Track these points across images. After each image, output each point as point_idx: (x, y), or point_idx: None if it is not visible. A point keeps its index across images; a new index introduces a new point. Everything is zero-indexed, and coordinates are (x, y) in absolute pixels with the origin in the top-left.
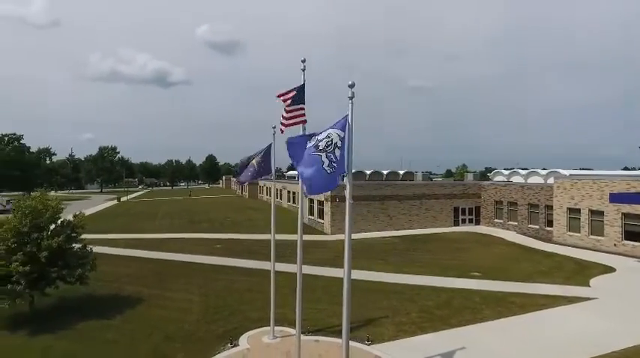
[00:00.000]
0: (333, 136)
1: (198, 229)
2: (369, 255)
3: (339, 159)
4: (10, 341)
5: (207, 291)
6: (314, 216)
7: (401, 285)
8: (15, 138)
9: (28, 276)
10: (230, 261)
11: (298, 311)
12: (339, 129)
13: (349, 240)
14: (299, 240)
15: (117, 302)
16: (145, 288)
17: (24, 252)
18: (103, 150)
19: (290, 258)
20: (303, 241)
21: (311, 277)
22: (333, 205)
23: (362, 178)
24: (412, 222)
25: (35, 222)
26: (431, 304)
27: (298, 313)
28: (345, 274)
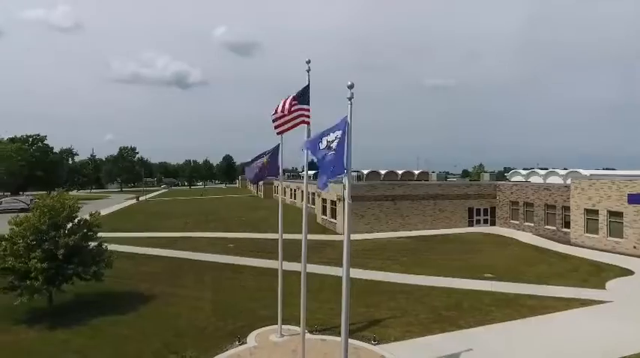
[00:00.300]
0: (331, 138)
1: (212, 228)
2: (380, 255)
3: (329, 161)
4: (28, 335)
5: (218, 289)
6: (327, 215)
7: (410, 286)
8: (39, 139)
9: (46, 273)
10: (242, 260)
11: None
12: (337, 130)
13: (348, 239)
14: (303, 240)
15: (131, 299)
16: (158, 286)
17: (42, 249)
18: (122, 150)
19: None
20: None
21: (320, 276)
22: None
23: (377, 178)
24: (426, 223)
25: (53, 220)
26: (440, 305)
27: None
28: (343, 273)
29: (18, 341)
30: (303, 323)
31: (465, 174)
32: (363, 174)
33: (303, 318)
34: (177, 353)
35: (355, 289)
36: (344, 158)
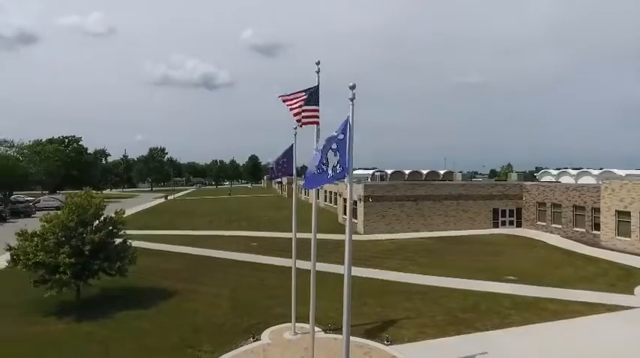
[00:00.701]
0: (331, 140)
1: (236, 227)
2: (399, 255)
3: (328, 162)
4: (57, 327)
5: (237, 287)
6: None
7: (427, 287)
8: (74, 140)
9: (73, 267)
10: (263, 259)
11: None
12: (339, 132)
13: (350, 239)
14: (312, 238)
15: (153, 295)
16: (180, 282)
17: (70, 245)
18: (153, 150)
19: (323, 257)
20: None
21: (337, 276)
22: (366, 205)
23: (401, 178)
24: (448, 223)
25: (81, 218)
26: (456, 307)
27: (312, 311)
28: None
29: (47, 332)
30: (312, 321)
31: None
32: (387, 174)
33: (312, 317)
34: (194, 347)
35: (371, 289)
36: (346, 160)
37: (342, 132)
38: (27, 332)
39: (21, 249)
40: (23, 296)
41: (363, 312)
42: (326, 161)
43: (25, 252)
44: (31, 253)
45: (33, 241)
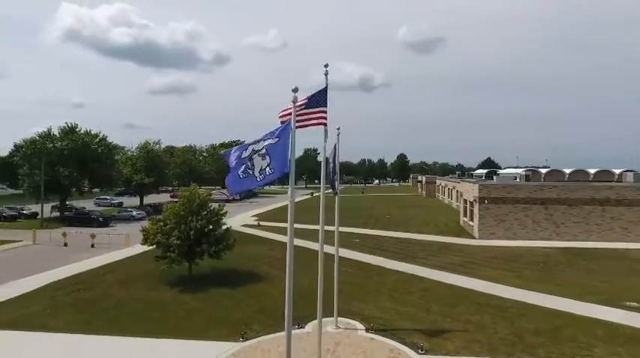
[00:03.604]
0: (261, 145)
1: (351, 224)
2: (504, 265)
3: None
4: (166, 295)
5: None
6: (467, 217)
7: (511, 302)
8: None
9: (180, 248)
10: (352, 254)
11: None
12: (273, 137)
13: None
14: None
15: (247, 277)
16: (274, 269)
17: (179, 230)
18: (307, 151)
19: (420, 260)
20: (443, 243)
21: (417, 278)
22: (481, 207)
23: (560, 178)
24: (590, 233)
25: (189, 208)
26: (531, 328)
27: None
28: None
29: (158, 297)
30: (319, 317)
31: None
32: (541, 173)
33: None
34: (247, 325)
35: (446, 296)
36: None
37: (277, 136)
38: (146, 295)
39: (149, 230)
40: (153, 270)
41: (418, 317)
42: (252, 165)
43: (149, 233)
44: (152, 235)
45: (156, 225)
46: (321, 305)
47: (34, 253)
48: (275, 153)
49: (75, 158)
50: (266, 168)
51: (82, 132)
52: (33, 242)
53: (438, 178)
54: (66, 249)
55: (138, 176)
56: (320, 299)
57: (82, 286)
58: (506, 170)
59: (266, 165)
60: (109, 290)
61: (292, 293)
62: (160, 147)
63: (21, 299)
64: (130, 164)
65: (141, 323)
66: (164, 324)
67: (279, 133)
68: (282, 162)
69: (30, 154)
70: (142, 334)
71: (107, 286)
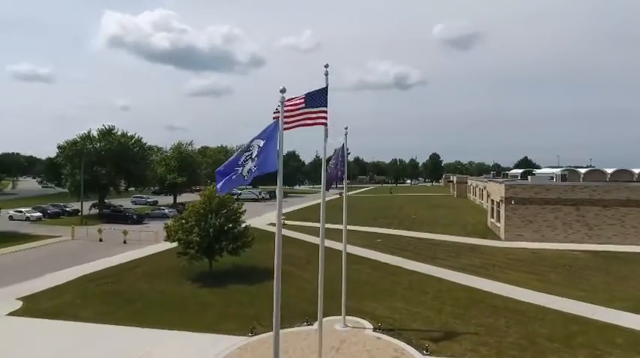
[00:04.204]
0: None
1: (375, 224)
2: (528, 268)
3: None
4: (185, 288)
5: (332, 276)
6: (494, 218)
7: (527, 305)
8: None
9: (200, 245)
10: (372, 254)
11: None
12: (261, 137)
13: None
14: (321, 236)
15: (265, 275)
16: (293, 267)
17: (199, 227)
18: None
19: (440, 261)
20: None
21: (433, 279)
22: (508, 208)
23: (601, 178)
24: (626, 236)
25: (210, 207)
26: (545, 333)
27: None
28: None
29: (179, 291)
30: (320, 316)
31: None
32: (580, 173)
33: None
34: (258, 320)
35: (461, 298)
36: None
37: (265, 137)
38: (167, 289)
39: (171, 228)
40: (177, 266)
41: (428, 318)
42: (243, 166)
43: (171, 230)
44: (174, 232)
45: (178, 223)
46: (321, 304)
47: (71, 248)
48: (260, 152)
49: (112, 158)
50: (252, 166)
51: (119, 134)
52: (71, 237)
53: (470, 178)
54: (100, 245)
55: (171, 176)
56: (321, 299)
57: (110, 279)
58: (543, 170)
59: (253, 164)
60: (135, 283)
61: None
62: (192, 148)
63: (55, 290)
64: (163, 164)
65: (159, 315)
66: (180, 317)
67: (268, 133)
68: (268, 161)
69: (71, 155)
70: (158, 325)
71: (134, 280)
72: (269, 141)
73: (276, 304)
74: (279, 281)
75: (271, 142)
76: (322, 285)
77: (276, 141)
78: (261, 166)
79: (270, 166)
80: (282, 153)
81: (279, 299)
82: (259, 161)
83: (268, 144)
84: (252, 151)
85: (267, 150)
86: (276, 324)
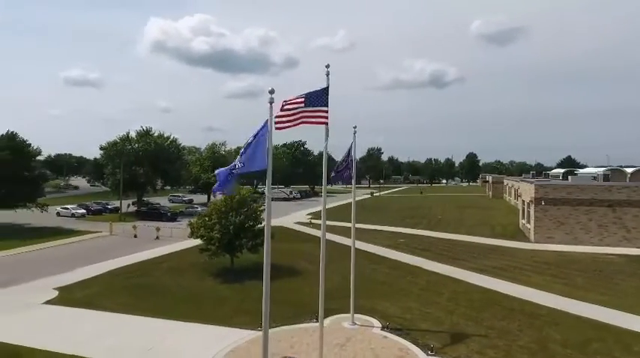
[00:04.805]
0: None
1: (402, 224)
2: (554, 271)
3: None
4: (205, 283)
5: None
6: (525, 219)
7: (548, 309)
8: (300, 144)
9: (221, 242)
10: (392, 254)
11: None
12: (251, 136)
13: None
14: (322, 237)
15: (284, 272)
16: (312, 265)
17: (220, 224)
18: (370, 150)
19: (461, 262)
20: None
21: (451, 280)
22: (537, 208)
23: (620, 178)
24: None
25: (231, 205)
26: (558, 338)
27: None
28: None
29: (199, 286)
30: (321, 315)
31: None
32: (627, 172)
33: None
34: (270, 315)
35: (477, 300)
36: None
37: (254, 136)
38: (189, 284)
39: (194, 224)
40: (202, 261)
41: (440, 319)
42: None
43: (194, 227)
44: (196, 228)
45: (200, 220)
46: (322, 304)
47: (108, 243)
48: (248, 150)
49: (149, 158)
50: (238, 163)
51: (156, 135)
52: (109, 233)
53: (506, 178)
54: (135, 240)
55: (205, 175)
56: (322, 298)
57: (138, 273)
58: (587, 169)
59: (239, 161)
60: (160, 277)
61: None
62: (225, 148)
63: (88, 282)
64: (198, 164)
65: (178, 307)
66: (197, 310)
67: (256, 132)
68: (254, 159)
69: (112, 155)
70: (175, 317)
71: (159, 274)
72: (258, 140)
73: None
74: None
75: (260, 141)
76: (323, 284)
77: (265, 140)
78: (248, 164)
79: (259, 164)
80: (271, 152)
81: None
82: (247, 158)
83: (257, 143)
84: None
85: (255, 148)
86: (265, 323)
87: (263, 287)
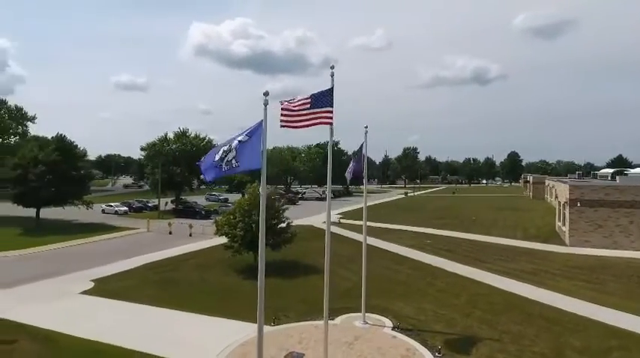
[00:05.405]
0: (234, 140)
1: (432, 224)
2: (586, 277)
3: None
4: (228, 279)
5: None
6: (561, 222)
7: (571, 316)
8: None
9: (244, 239)
10: (417, 255)
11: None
12: (245, 134)
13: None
14: (327, 237)
15: (304, 270)
16: (334, 265)
17: (244, 222)
18: (406, 150)
19: (486, 264)
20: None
21: (472, 283)
22: (573, 210)
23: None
24: None
25: (254, 203)
26: (577, 345)
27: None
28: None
29: (222, 281)
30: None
31: None
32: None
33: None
34: (284, 312)
35: (496, 303)
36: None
37: (248, 135)
38: (214, 279)
39: (219, 222)
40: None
41: (453, 321)
42: (222, 158)
43: (219, 224)
44: (221, 226)
45: (225, 218)
46: (327, 303)
47: (144, 239)
48: (243, 149)
49: (186, 158)
50: (232, 160)
51: (192, 136)
52: (147, 230)
53: (547, 178)
54: (169, 237)
55: (238, 175)
56: (326, 298)
57: (168, 268)
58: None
59: (232, 158)
60: (188, 272)
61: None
62: None
63: (122, 275)
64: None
65: (199, 301)
66: (217, 304)
67: (251, 132)
68: (250, 158)
69: (152, 155)
70: (195, 310)
71: (187, 269)
72: (253, 140)
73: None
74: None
75: (256, 141)
76: (328, 284)
77: (261, 140)
78: (244, 163)
79: (254, 164)
80: (265, 153)
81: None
82: (242, 157)
83: (252, 143)
84: (230, 145)
85: (249, 148)
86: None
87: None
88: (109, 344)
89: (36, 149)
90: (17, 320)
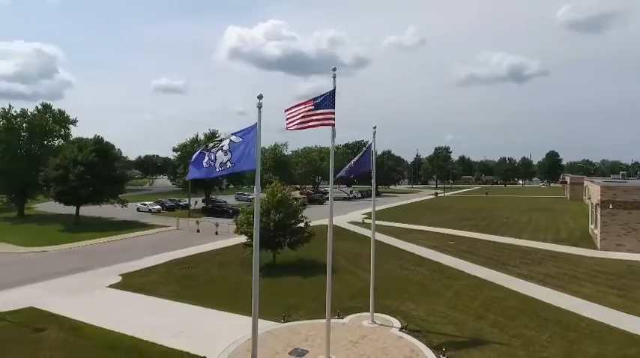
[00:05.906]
0: (226, 141)
1: (458, 225)
2: (613, 282)
3: (216, 159)
4: (245, 277)
5: (384, 275)
6: (593, 224)
7: (590, 322)
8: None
9: (262, 238)
10: (438, 256)
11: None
12: (238, 135)
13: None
14: (329, 236)
15: (321, 269)
16: (351, 265)
17: (262, 221)
18: (437, 150)
19: (508, 268)
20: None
21: (489, 286)
22: (604, 213)
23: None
24: None
25: (272, 203)
26: (591, 352)
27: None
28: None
29: (241, 278)
30: (328, 315)
31: None
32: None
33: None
34: (295, 309)
35: (512, 307)
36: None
37: (241, 137)
38: (232, 276)
39: (238, 221)
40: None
41: (463, 324)
42: (214, 158)
43: (238, 223)
44: (239, 224)
45: (244, 217)
46: (329, 303)
47: (173, 236)
48: (237, 151)
49: None
50: (227, 162)
51: None
52: (176, 227)
53: (585, 178)
54: (197, 235)
55: (266, 175)
56: (328, 298)
57: (192, 264)
58: None
59: (227, 160)
60: (209, 269)
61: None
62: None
63: (148, 270)
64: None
65: (215, 297)
66: (233, 300)
67: (245, 134)
68: (244, 159)
69: (183, 156)
70: (212, 305)
71: (209, 266)
72: (245, 142)
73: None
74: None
75: (251, 142)
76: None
77: (255, 141)
78: (238, 163)
79: (249, 164)
80: (259, 154)
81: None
82: (237, 158)
83: (247, 144)
84: (223, 145)
85: (243, 149)
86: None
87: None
88: (126, 334)
89: (76, 150)
90: (49, 310)
